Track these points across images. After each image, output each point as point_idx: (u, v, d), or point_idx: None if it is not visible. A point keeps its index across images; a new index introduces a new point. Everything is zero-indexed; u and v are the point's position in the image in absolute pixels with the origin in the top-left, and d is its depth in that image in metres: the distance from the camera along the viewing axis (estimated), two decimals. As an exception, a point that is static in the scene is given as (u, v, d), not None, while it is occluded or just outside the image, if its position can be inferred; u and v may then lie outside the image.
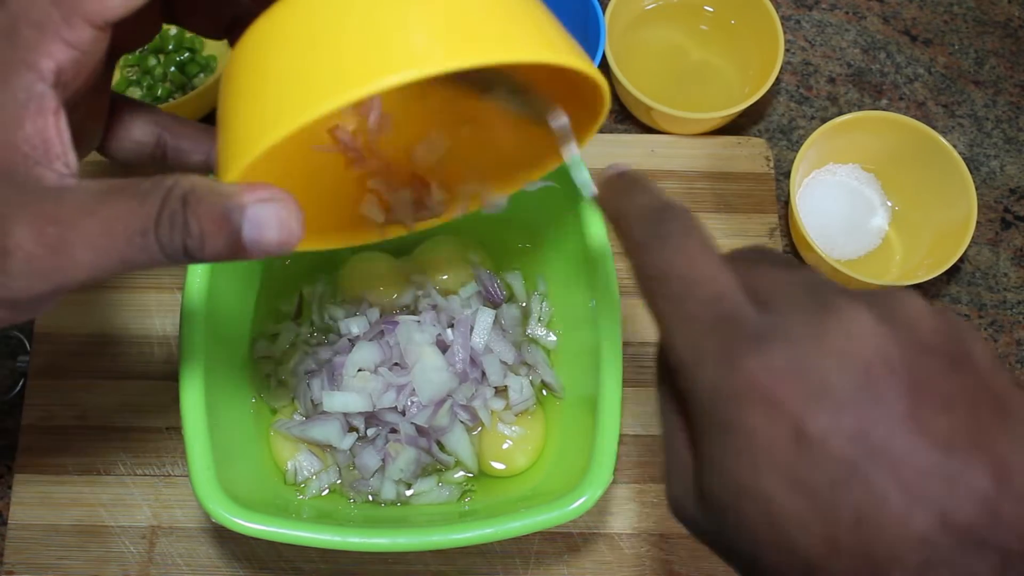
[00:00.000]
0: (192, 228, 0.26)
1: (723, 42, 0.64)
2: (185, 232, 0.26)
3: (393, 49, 0.25)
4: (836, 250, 0.58)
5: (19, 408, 0.54)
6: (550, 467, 0.49)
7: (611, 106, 0.62)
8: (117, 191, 0.27)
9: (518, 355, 0.51)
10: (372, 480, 0.48)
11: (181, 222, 0.26)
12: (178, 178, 0.27)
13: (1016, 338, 0.59)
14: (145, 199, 0.26)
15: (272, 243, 0.27)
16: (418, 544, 0.41)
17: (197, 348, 0.42)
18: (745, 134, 0.63)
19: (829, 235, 0.58)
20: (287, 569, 0.51)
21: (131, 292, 0.56)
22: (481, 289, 0.52)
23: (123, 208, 0.26)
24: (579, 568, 0.51)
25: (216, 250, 0.27)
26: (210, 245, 0.26)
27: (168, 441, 0.53)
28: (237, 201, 0.26)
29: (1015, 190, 0.62)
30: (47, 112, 0.27)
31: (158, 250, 0.27)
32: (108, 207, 0.26)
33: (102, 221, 0.26)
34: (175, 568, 0.51)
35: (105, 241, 0.26)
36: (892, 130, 0.58)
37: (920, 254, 0.58)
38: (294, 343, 0.51)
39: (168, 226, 0.26)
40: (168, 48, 0.61)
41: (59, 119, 0.27)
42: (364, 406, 0.47)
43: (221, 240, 0.26)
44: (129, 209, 0.26)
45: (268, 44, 0.27)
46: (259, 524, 0.40)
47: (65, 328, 0.55)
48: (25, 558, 0.51)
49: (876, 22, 0.67)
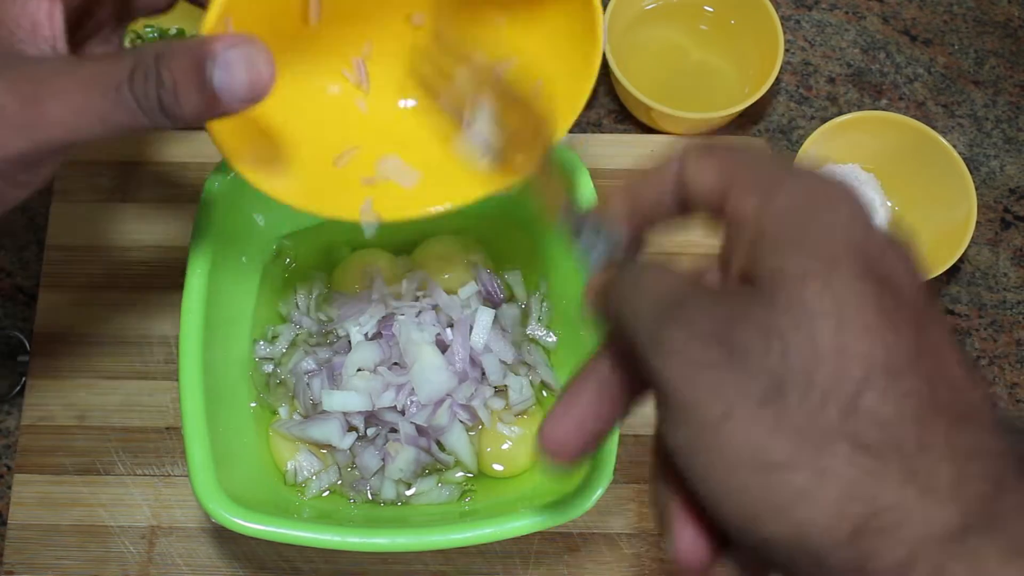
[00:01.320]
0: (165, 78, 0.27)
1: (723, 42, 0.64)
2: (159, 83, 0.27)
3: None
4: (836, 250, 0.58)
5: (19, 408, 0.54)
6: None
7: (611, 106, 0.63)
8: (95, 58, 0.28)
9: (518, 355, 0.51)
10: (372, 480, 0.48)
11: (155, 74, 0.27)
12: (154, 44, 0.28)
13: (1016, 338, 0.59)
14: (119, 59, 0.27)
15: (242, 83, 0.27)
16: (418, 544, 0.41)
17: (197, 348, 0.42)
18: (745, 134, 0.63)
19: (829, 235, 0.58)
20: (287, 569, 0.51)
21: (131, 292, 0.56)
22: (481, 289, 0.52)
23: (97, 68, 0.27)
24: (579, 568, 0.51)
25: (191, 103, 0.27)
26: (184, 96, 0.27)
27: (168, 441, 0.53)
28: (208, 48, 0.27)
29: (1015, 190, 0.62)
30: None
31: (135, 105, 0.27)
32: (84, 68, 0.27)
33: (77, 80, 0.27)
34: (175, 568, 0.51)
35: (80, 97, 0.27)
36: (892, 130, 0.58)
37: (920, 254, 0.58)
38: (294, 343, 0.51)
39: (142, 79, 0.27)
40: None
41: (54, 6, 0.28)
42: (364, 405, 0.47)
43: (194, 89, 0.27)
44: (103, 68, 0.27)
45: None
46: (259, 524, 0.40)
47: (65, 328, 0.55)
48: (25, 558, 0.51)
49: (876, 22, 0.67)
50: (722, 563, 0.24)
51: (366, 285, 0.52)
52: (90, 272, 0.56)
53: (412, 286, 0.52)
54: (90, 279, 0.56)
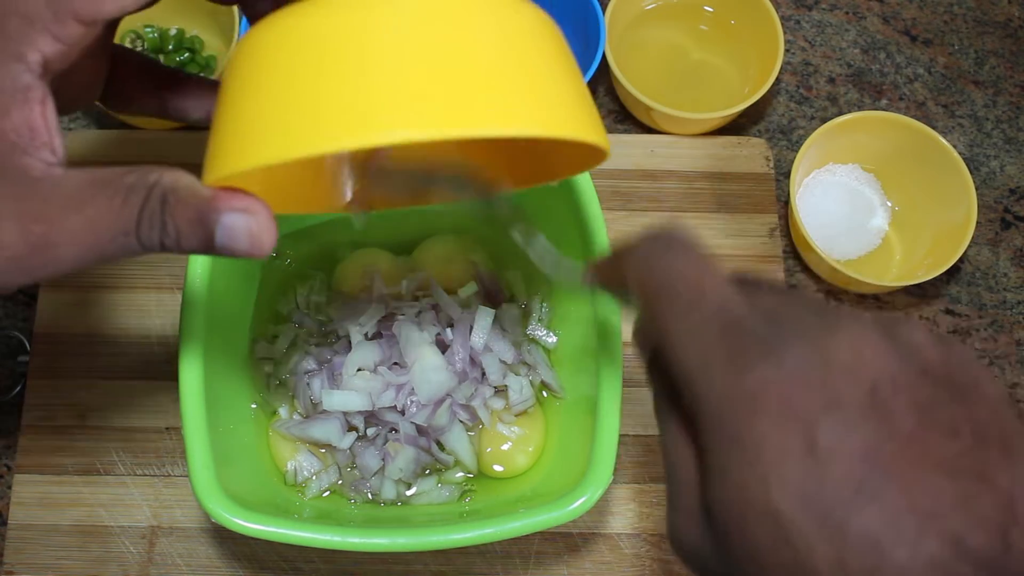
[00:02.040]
0: (169, 228, 0.27)
1: (723, 42, 0.64)
2: (163, 232, 0.27)
3: (410, 103, 0.25)
4: (836, 250, 0.58)
5: (19, 408, 0.54)
6: (550, 467, 0.49)
7: (611, 106, 0.63)
8: (101, 185, 0.27)
9: (518, 355, 0.51)
10: (372, 480, 0.48)
11: (160, 222, 0.27)
12: (160, 174, 0.27)
13: (1016, 338, 0.59)
14: (128, 197, 0.27)
15: (241, 251, 0.28)
16: (418, 544, 0.41)
17: (197, 348, 0.42)
18: (745, 134, 0.63)
19: (829, 235, 0.58)
20: (287, 569, 0.51)
21: (131, 292, 0.56)
22: (481, 289, 0.52)
23: (107, 207, 0.27)
24: (579, 568, 0.51)
25: (191, 247, 0.28)
26: (185, 243, 0.28)
27: (168, 441, 0.53)
28: (213, 206, 0.27)
29: (1015, 190, 0.62)
30: (33, 101, 0.28)
31: (138, 246, 0.28)
32: (93, 206, 0.27)
33: (87, 220, 0.27)
34: (175, 568, 0.51)
35: (89, 239, 0.27)
36: (892, 130, 0.58)
37: (920, 254, 0.58)
38: (294, 342, 0.51)
39: (148, 225, 0.27)
40: (168, 48, 0.61)
41: (46, 107, 0.28)
42: (364, 405, 0.47)
43: (195, 240, 0.28)
44: (112, 209, 0.27)
45: (279, 51, 0.27)
46: (259, 524, 0.40)
47: (65, 328, 0.55)
48: (25, 558, 0.51)
49: (876, 22, 0.67)
50: None
51: (366, 285, 0.52)
52: (90, 272, 0.56)
53: (412, 286, 0.52)
54: (90, 279, 0.56)
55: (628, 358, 0.43)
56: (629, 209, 0.59)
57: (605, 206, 0.48)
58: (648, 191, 0.59)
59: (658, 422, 0.27)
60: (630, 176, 0.59)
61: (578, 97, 0.29)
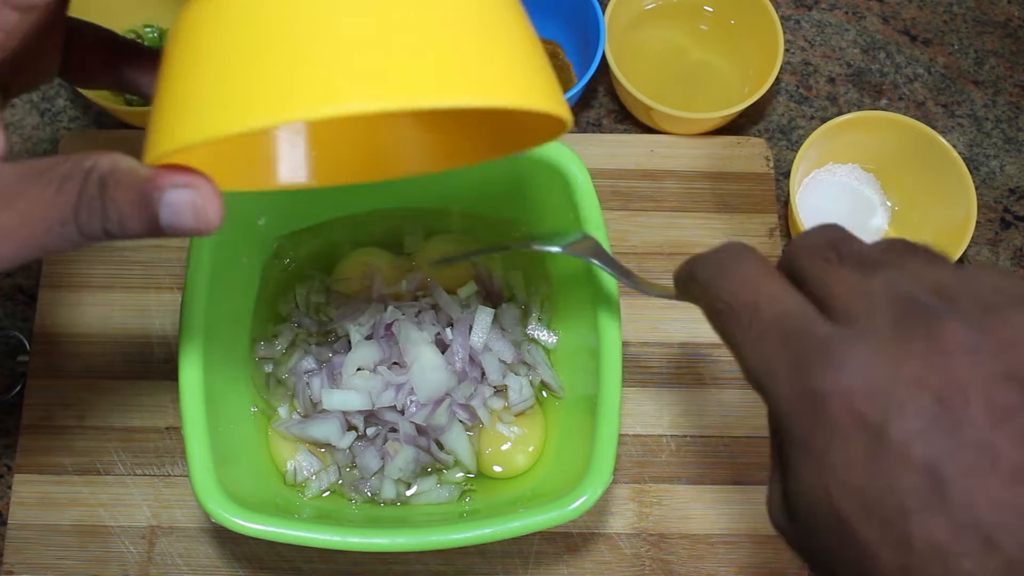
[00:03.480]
0: (111, 213, 0.26)
1: (723, 42, 0.64)
2: (104, 218, 0.26)
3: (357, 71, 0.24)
4: (836, 250, 0.58)
5: (19, 408, 0.54)
6: (550, 467, 0.49)
7: (611, 106, 0.63)
8: (35, 176, 0.26)
9: (517, 354, 0.51)
10: (372, 480, 0.48)
11: (100, 208, 0.26)
12: (97, 159, 0.26)
13: (1016, 338, 0.59)
14: (63, 186, 0.26)
15: (187, 228, 0.27)
16: (418, 544, 0.41)
17: (197, 348, 0.42)
18: (745, 134, 0.63)
19: (829, 235, 0.58)
20: (287, 569, 0.51)
21: (131, 292, 0.56)
22: (481, 289, 0.52)
23: (41, 198, 0.26)
24: (579, 568, 0.51)
25: (136, 231, 0.27)
26: (130, 227, 0.27)
27: (168, 441, 0.53)
28: (155, 184, 0.26)
29: (1015, 190, 0.62)
30: None
31: (79, 235, 0.27)
32: (25, 198, 0.26)
33: (19, 214, 0.26)
34: (175, 568, 0.51)
35: (23, 233, 0.26)
36: (892, 130, 0.58)
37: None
38: (293, 342, 0.51)
39: (87, 212, 0.26)
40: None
41: None
42: (363, 404, 0.47)
43: (139, 223, 0.27)
44: (47, 199, 0.26)
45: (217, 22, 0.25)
46: (259, 524, 0.40)
47: (65, 328, 0.55)
48: (25, 558, 0.51)
49: (876, 22, 0.67)
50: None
51: (366, 285, 0.52)
52: (90, 272, 0.56)
53: (412, 286, 0.52)
54: (90, 279, 0.56)
55: (628, 358, 0.43)
56: (629, 209, 0.59)
57: (605, 206, 0.48)
58: (648, 191, 0.59)
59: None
60: (630, 176, 0.59)
61: (532, 64, 0.27)
